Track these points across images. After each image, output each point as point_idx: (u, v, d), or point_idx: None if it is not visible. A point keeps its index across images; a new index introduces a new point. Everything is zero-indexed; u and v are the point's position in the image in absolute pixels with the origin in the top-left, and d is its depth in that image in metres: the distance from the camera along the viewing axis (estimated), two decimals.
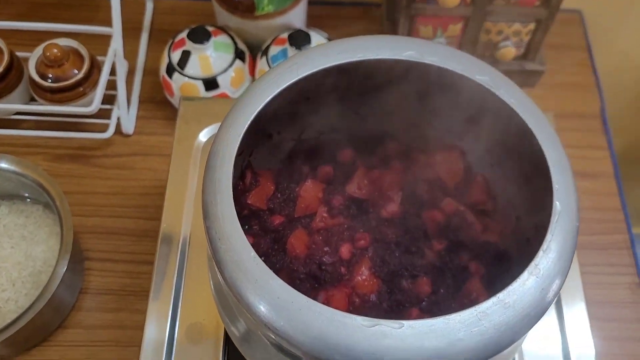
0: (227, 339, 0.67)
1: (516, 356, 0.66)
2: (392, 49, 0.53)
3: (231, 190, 0.46)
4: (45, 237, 0.81)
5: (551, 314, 0.70)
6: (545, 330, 0.69)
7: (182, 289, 0.70)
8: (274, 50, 0.90)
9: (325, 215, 0.61)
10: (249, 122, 0.49)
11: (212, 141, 0.50)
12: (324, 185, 0.63)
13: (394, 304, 0.57)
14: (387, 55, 0.53)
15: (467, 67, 0.53)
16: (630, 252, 0.85)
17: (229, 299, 0.54)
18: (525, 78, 0.97)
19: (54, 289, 0.71)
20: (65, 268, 0.72)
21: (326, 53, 0.52)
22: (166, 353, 0.67)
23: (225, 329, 0.66)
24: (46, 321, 0.76)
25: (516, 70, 0.95)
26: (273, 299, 0.42)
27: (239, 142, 0.48)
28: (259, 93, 0.50)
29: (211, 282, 0.60)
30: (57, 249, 0.75)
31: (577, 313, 0.70)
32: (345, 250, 0.59)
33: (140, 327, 0.68)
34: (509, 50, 0.91)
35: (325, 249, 0.59)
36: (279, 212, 0.61)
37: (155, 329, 0.68)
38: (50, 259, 0.79)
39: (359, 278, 0.57)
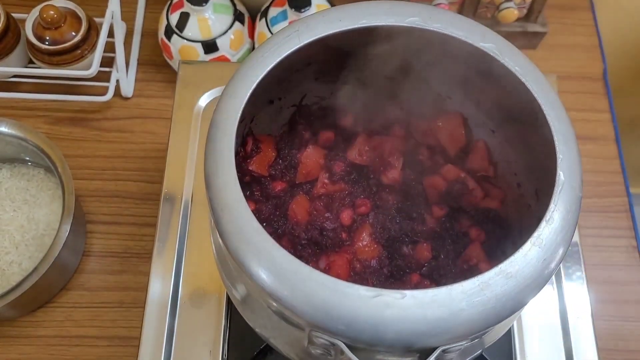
0: (230, 304, 0.68)
1: None
2: (395, 14, 0.52)
3: (233, 161, 0.46)
4: (47, 200, 0.81)
5: None
6: (543, 291, 0.69)
7: (184, 251, 0.71)
8: (274, 12, 0.88)
9: (326, 181, 0.61)
10: (249, 93, 0.48)
11: (214, 110, 0.49)
12: (325, 151, 0.63)
13: (394, 270, 0.58)
14: (390, 21, 0.52)
15: (471, 34, 0.52)
16: (629, 215, 0.85)
17: (232, 267, 0.54)
18: (527, 40, 0.96)
19: (57, 251, 0.72)
20: (67, 231, 0.73)
21: (328, 19, 0.51)
22: (170, 314, 0.68)
23: (227, 294, 0.67)
24: (50, 283, 0.77)
25: (518, 32, 0.94)
26: (276, 269, 0.42)
27: (240, 113, 0.47)
28: (259, 62, 0.50)
29: (213, 247, 0.61)
30: (59, 212, 0.75)
31: (574, 275, 0.71)
32: (346, 216, 0.59)
33: (143, 289, 0.69)
34: (511, 12, 0.89)
35: (327, 215, 0.60)
36: (281, 178, 0.61)
37: (158, 290, 0.69)
38: (53, 222, 0.80)
39: (360, 244, 0.58)
